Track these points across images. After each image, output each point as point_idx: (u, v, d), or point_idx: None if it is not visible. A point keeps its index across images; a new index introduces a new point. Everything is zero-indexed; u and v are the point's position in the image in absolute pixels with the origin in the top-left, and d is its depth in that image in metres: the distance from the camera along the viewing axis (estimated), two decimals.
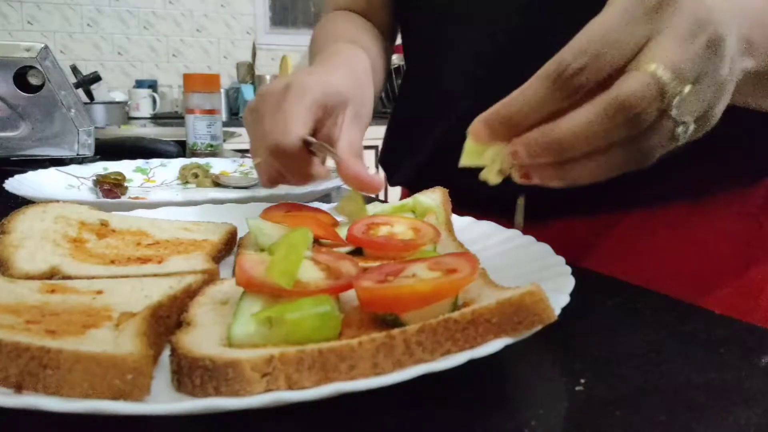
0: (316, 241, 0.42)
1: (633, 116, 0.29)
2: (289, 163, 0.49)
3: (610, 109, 0.29)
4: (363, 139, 0.55)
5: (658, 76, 0.29)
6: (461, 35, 0.63)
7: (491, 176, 0.36)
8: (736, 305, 0.42)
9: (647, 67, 0.29)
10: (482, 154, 0.36)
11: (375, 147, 2.54)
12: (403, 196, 0.79)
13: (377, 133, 0.99)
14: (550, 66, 0.31)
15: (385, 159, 0.78)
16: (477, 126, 0.35)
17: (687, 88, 0.30)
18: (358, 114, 0.55)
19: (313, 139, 0.49)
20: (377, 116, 0.92)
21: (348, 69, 0.57)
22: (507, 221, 0.50)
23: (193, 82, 1.08)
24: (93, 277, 0.36)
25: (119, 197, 0.72)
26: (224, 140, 1.16)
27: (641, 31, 0.30)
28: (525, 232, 0.45)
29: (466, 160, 0.37)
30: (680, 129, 0.31)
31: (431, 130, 0.67)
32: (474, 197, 0.51)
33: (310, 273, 0.33)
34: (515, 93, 0.32)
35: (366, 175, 0.49)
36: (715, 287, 0.44)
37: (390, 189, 2.40)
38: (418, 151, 0.69)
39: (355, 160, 0.50)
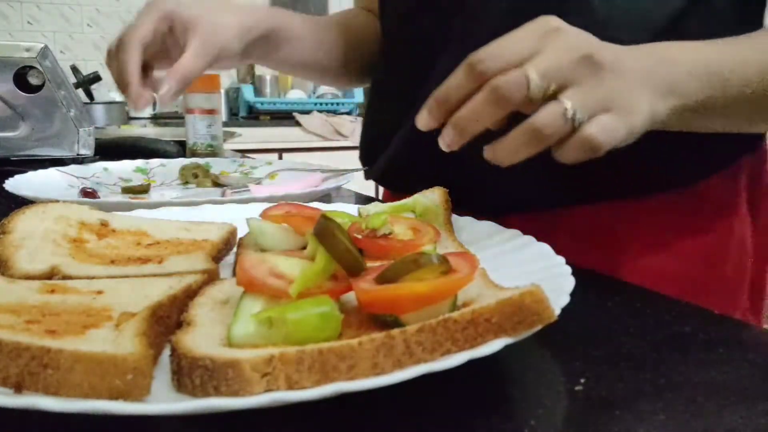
0: None
1: (502, 98, 0.39)
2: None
3: (487, 91, 0.40)
4: (205, 63, 0.65)
5: (527, 73, 0.39)
6: (449, 37, 0.64)
7: None
8: (713, 303, 0.46)
9: (523, 66, 0.39)
10: None
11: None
12: (384, 195, 0.81)
13: None
14: (467, 59, 0.41)
15: (362, 154, 0.80)
16: (421, 115, 0.43)
17: (553, 86, 0.39)
18: (211, 37, 0.64)
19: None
20: None
21: (223, 6, 0.68)
22: (480, 214, 0.52)
23: (193, 82, 1.08)
24: (93, 277, 0.36)
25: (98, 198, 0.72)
26: (224, 140, 1.16)
27: (534, 44, 0.40)
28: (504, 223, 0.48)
29: None
30: (569, 114, 0.39)
31: (404, 125, 0.69)
32: (447, 188, 0.56)
33: None
34: (445, 81, 0.42)
35: (132, 89, 0.62)
36: (658, 287, 0.46)
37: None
38: (390, 145, 0.71)
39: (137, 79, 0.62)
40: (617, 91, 0.41)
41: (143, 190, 0.79)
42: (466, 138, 0.42)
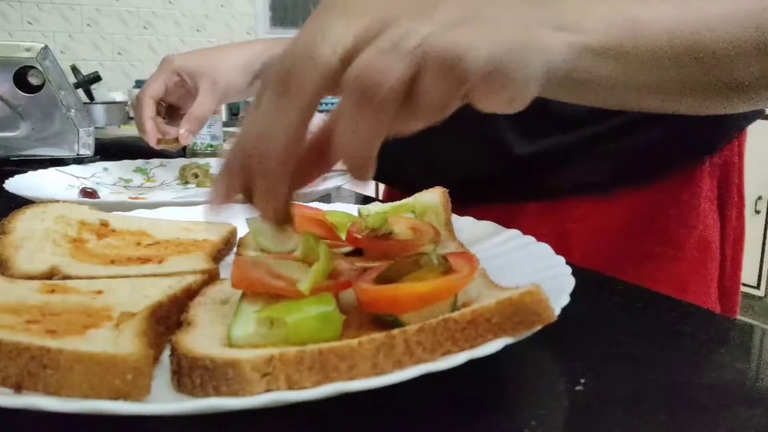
0: None
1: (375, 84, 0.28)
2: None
3: (351, 97, 0.29)
4: (213, 103, 0.79)
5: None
6: None
7: None
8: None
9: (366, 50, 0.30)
10: None
11: None
12: (384, 195, 0.83)
13: None
14: (267, 78, 0.36)
15: None
16: (213, 194, 0.38)
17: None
18: (215, 81, 0.78)
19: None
20: None
21: (224, 50, 0.81)
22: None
23: None
24: (93, 277, 0.36)
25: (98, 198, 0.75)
26: (224, 140, 1.16)
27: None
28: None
29: None
30: (387, 44, 0.29)
31: None
32: (413, 188, 0.55)
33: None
34: None
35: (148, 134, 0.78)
36: (618, 273, 0.47)
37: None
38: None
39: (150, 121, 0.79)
40: (464, 5, 0.32)
41: None
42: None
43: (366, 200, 0.75)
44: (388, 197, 0.78)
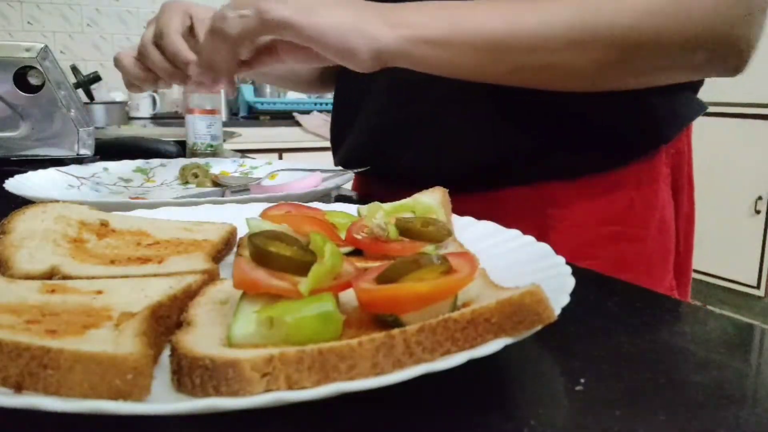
0: None
1: (219, 31, 0.55)
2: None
3: (208, 31, 0.57)
4: None
5: (223, 11, 0.55)
6: None
7: None
8: (636, 279, 0.54)
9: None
10: None
11: None
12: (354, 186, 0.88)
13: None
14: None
15: (332, 140, 0.88)
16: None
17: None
18: None
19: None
20: None
21: None
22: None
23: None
24: (93, 277, 0.36)
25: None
26: (224, 140, 1.16)
27: None
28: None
29: None
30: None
31: (363, 111, 0.77)
32: (404, 178, 0.64)
33: None
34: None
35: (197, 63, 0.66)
36: (586, 260, 0.52)
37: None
38: (354, 132, 0.79)
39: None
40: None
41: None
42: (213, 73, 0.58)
43: (366, 200, 0.75)
44: (364, 193, 0.81)
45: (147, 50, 0.74)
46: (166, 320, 0.31)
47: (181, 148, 1.14)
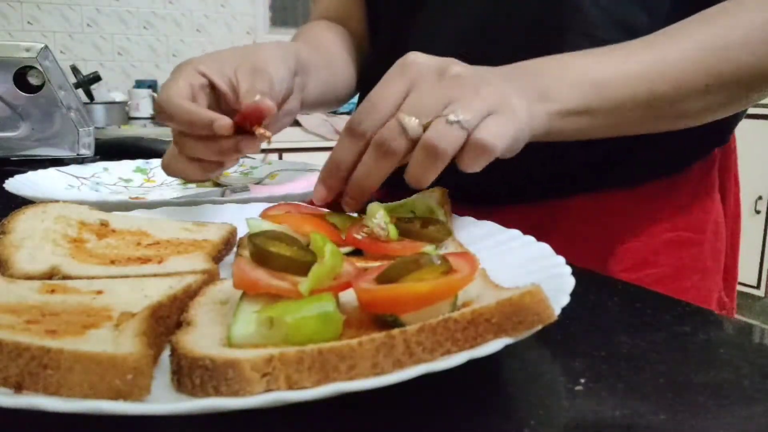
0: None
1: (388, 150, 0.43)
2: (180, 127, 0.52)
3: (373, 149, 0.44)
4: (266, 84, 0.56)
5: (400, 119, 0.42)
6: (430, 26, 0.66)
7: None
8: (694, 284, 0.55)
9: (396, 114, 0.43)
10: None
11: None
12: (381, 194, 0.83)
13: None
14: (346, 123, 0.45)
15: None
16: (317, 189, 0.47)
17: (430, 117, 0.42)
18: (257, 69, 0.55)
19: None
20: None
21: (244, 48, 0.60)
22: (475, 205, 0.56)
23: None
24: (93, 277, 0.36)
25: None
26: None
27: (400, 88, 0.44)
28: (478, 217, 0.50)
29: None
30: (452, 120, 0.41)
31: None
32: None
33: None
34: (331, 152, 0.46)
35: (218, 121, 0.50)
36: (649, 268, 0.52)
37: None
38: None
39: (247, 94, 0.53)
40: (493, 95, 0.43)
41: None
42: (367, 196, 0.46)
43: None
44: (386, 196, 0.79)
45: (179, 142, 0.54)
46: (166, 320, 0.31)
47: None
